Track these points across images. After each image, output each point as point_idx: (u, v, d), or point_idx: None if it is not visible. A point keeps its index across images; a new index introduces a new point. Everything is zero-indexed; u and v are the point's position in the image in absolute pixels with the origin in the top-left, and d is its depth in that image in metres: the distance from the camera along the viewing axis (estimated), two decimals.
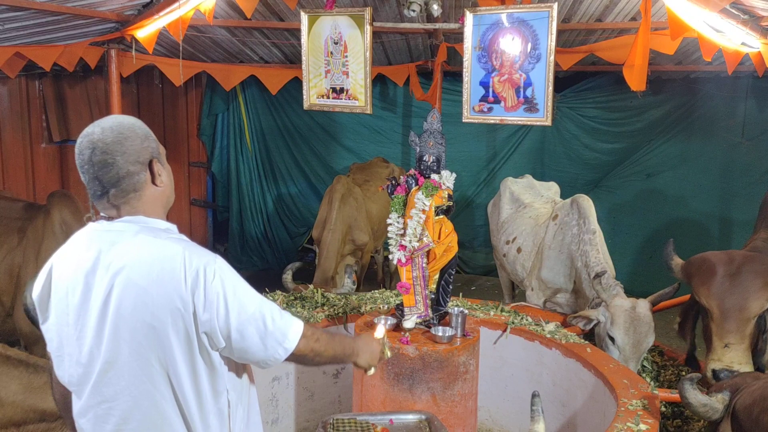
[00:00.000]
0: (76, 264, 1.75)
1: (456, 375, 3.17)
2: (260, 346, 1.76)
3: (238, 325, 1.71)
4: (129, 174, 1.73)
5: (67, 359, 1.78)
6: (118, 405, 1.73)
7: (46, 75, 6.78)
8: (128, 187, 1.74)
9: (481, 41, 4.58)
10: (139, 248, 1.70)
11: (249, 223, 8.64)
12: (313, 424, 4.15)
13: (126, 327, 1.68)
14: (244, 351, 1.76)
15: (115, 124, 1.74)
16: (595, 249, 4.26)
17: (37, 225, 4.24)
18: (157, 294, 1.66)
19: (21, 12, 4.65)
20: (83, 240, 1.78)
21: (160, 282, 1.66)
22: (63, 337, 1.78)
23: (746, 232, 6.57)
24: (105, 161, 1.70)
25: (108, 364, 1.71)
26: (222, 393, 1.79)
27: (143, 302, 1.66)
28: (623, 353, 3.72)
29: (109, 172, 1.71)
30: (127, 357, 1.69)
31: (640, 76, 4.32)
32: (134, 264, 1.68)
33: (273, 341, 1.77)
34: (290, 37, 6.56)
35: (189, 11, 4.71)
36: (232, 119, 8.56)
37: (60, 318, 1.77)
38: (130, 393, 1.72)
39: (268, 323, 1.75)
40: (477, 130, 7.91)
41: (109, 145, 1.71)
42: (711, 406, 2.63)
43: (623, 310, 3.77)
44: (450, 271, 3.41)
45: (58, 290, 1.77)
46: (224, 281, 1.70)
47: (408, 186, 3.36)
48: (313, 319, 4.11)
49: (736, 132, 7.11)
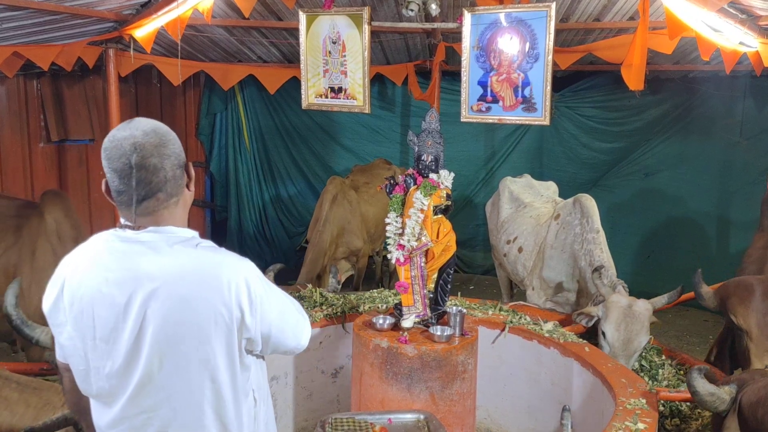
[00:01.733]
0: (102, 276, 1.68)
1: (454, 374, 3.17)
2: (293, 337, 1.89)
3: (280, 323, 1.81)
4: (175, 177, 1.72)
5: (94, 372, 1.72)
6: (158, 415, 1.71)
7: (44, 74, 6.77)
8: (173, 191, 1.72)
9: (479, 41, 4.58)
10: (177, 260, 1.67)
11: (247, 222, 8.64)
12: (311, 423, 4.15)
13: (167, 340, 1.65)
14: (281, 344, 1.86)
15: (152, 126, 1.71)
16: (598, 248, 4.26)
17: (32, 225, 4.24)
18: (201, 304, 1.65)
19: (19, 11, 4.64)
20: (104, 250, 1.71)
21: (203, 292, 1.65)
22: (88, 351, 1.71)
23: (744, 232, 6.59)
24: (155, 165, 1.67)
25: (147, 377, 1.68)
26: (249, 392, 1.83)
27: (186, 314, 1.65)
28: (612, 349, 3.74)
29: (158, 176, 1.67)
30: (169, 369, 1.68)
31: (638, 76, 4.33)
32: (175, 276, 1.65)
33: (299, 331, 1.91)
34: (288, 36, 6.56)
35: (187, 11, 4.70)
36: (231, 119, 8.56)
37: (84, 332, 1.70)
38: (170, 404, 1.71)
39: (294, 315, 1.89)
40: (475, 130, 7.91)
41: (157, 148, 1.67)
42: (718, 396, 2.66)
43: (618, 306, 3.78)
44: (448, 271, 3.42)
45: (78, 302, 1.70)
46: (263, 285, 1.77)
47: (406, 185, 3.36)
48: (311, 318, 4.11)
49: (734, 131, 7.11)
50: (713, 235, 7.03)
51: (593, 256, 4.22)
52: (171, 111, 8.31)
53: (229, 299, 1.68)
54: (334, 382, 4.21)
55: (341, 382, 4.18)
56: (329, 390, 4.19)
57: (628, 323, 3.73)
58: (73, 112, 7.22)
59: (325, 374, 4.18)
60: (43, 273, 3.98)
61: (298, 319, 1.91)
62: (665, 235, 7.53)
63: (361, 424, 2.36)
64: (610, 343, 3.75)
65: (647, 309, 3.77)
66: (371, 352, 3.22)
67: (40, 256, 4.12)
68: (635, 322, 3.72)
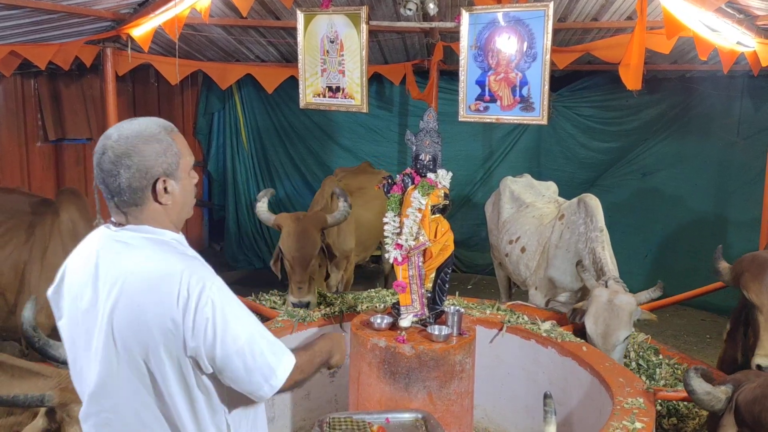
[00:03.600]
0: (85, 269, 1.72)
1: (452, 374, 3.17)
2: (246, 379, 1.70)
3: (224, 357, 1.65)
4: (131, 188, 1.68)
5: (75, 362, 1.79)
6: (117, 417, 1.71)
7: (41, 74, 6.76)
8: (129, 200, 1.69)
9: (477, 40, 4.59)
10: (140, 262, 1.67)
11: (245, 221, 8.63)
12: (309, 423, 4.14)
13: (122, 341, 1.65)
14: (231, 381, 1.70)
15: (134, 133, 1.68)
16: (600, 246, 4.28)
17: (46, 223, 4.22)
18: (152, 312, 1.62)
19: (16, 10, 4.64)
20: (93, 244, 1.75)
21: (155, 301, 1.62)
22: (75, 338, 1.77)
23: (742, 231, 6.60)
24: (110, 171, 1.66)
25: (107, 377, 1.68)
26: (219, 411, 1.75)
27: (139, 319, 1.63)
28: (590, 341, 3.77)
29: (114, 182, 1.67)
30: (125, 371, 1.67)
31: (635, 75, 4.33)
32: (134, 279, 1.64)
33: (259, 377, 1.71)
34: (286, 35, 6.56)
35: (185, 10, 4.70)
36: (228, 118, 8.55)
37: (71, 320, 1.77)
38: (129, 406, 1.69)
39: (257, 358, 1.69)
40: (473, 129, 7.91)
41: (118, 156, 1.65)
42: (714, 395, 2.69)
43: (598, 299, 3.80)
44: (446, 270, 3.41)
45: (69, 292, 1.77)
46: (216, 308, 1.63)
47: (404, 185, 3.36)
48: (309, 318, 4.10)
49: (732, 131, 7.12)
50: (711, 234, 7.03)
51: (595, 254, 4.23)
52: (169, 110, 8.29)
53: (177, 313, 1.62)
54: (332, 381, 4.19)
55: (339, 381, 4.16)
56: (327, 389, 4.19)
57: (606, 317, 3.74)
58: (71, 111, 7.20)
59: (323, 374, 4.13)
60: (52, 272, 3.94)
61: (254, 363, 1.68)
62: (663, 234, 7.53)
63: (359, 424, 2.36)
64: (588, 336, 3.79)
65: (629, 303, 3.77)
66: (369, 351, 3.22)
67: (50, 255, 4.10)
68: (614, 317, 3.73)
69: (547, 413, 2.44)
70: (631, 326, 3.78)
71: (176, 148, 1.73)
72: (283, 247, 4.69)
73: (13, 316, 4.22)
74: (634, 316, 3.80)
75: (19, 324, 3.58)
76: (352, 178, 6.52)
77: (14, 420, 2.53)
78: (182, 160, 1.75)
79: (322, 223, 4.82)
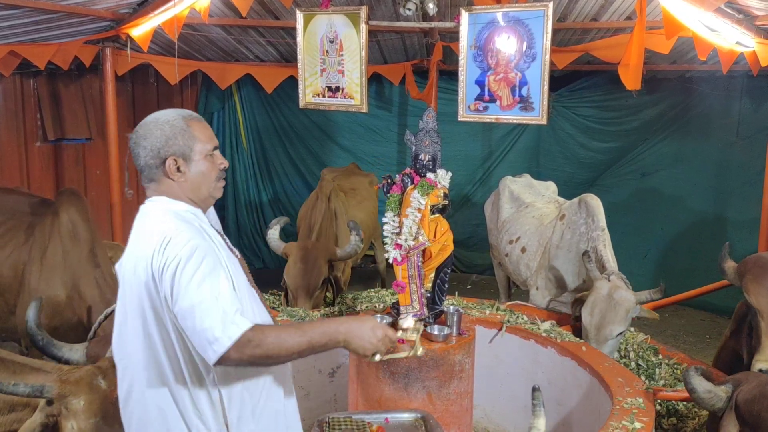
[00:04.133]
0: None
1: (452, 373, 3.17)
2: (195, 340, 1.81)
3: (179, 312, 1.80)
4: (148, 165, 1.96)
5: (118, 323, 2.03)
6: (131, 364, 1.93)
7: (40, 73, 6.75)
8: (147, 176, 1.98)
9: (476, 40, 4.59)
10: (148, 224, 1.92)
11: (245, 221, 8.63)
12: (308, 422, 4.12)
13: (129, 293, 1.91)
14: (187, 339, 1.84)
15: (151, 120, 1.97)
16: (602, 244, 4.28)
17: (45, 223, 4.20)
18: (141, 264, 1.85)
19: (15, 10, 4.64)
20: None
21: (144, 254, 1.85)
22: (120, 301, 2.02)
23: (741, 231, 6.60)
24: (135, 152, 1.97)
25: (121, 325, 1.95)
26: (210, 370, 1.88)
27: (135, 270, 1.87)
28: (584, 332, 3.79)
29: (138, 161, 1.97)
30: (132, 320, 1.90)
31: (635, 75, 4.33)
32: (137, 237, 1.92)
33: (203, 340, 1.78)
34: (286, 35, 6.56)
35: (184, 9, 4.70)
36: (228, 118, 8.54)
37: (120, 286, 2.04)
38: (137, 355, 1.90)
39: (204, 321, 1.76)
40: (473, 129, 7.91)
41: (138, 138, 1.96)
42: (715, 393, 2.71)
43: (599, 291, 3.81)
44: (446, 270, 3.41)
45: None
46: (180, 266, 1.79)
47: (404, 185, 3.36)
48: (308, 318, 4.10)
49: (731, 131, 7.12)
50: (710, 234, 7.03)
51: (597, 252, 4.24)
52: None
53: (156, 263, 1.82)
54: (332, 381, 4.20)
55: (338, 381, 4.17)
56: (326, 389, 4.19)
57: (603, 309, 3.75)
58: (70, 111, 7.19)
59: (323, 373, 4.18)
60: (51, 273, 3.94)
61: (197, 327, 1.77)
62: (662, 234, 7.54)
63: (358, 424, 2.36)
64: (582, 326, 3.81)
65: (628, 300, 3.76)
66: None
67: (50, 256, 4.08)
68: (610, 310, 3.74)
69: (536, 406, 2.45)
70: (626, 323, 3.79)
71: (191, 133, 1.96)
72: (287, 276, 4.57)
73: (12, 316, 4.21)
74: (632, 314, 3.80)
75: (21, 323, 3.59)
76: (344, 179, 6.54)
77: (15, 417, 2.55)
78: (197, 144, 1.97)
79: (331, 255, 4.71)
